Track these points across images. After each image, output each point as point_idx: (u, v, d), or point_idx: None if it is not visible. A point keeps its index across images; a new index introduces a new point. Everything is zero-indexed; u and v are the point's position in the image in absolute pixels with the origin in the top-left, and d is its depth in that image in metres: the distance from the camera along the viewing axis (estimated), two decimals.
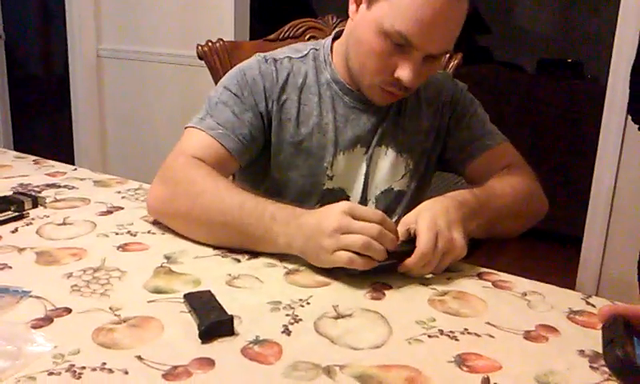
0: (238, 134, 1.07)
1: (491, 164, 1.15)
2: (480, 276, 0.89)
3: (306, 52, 1.16)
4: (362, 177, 1.16)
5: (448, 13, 0.97)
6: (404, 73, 1.00)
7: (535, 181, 1.14)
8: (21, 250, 0.90)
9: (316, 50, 1.17)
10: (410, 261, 0.85)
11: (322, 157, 1.13)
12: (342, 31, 1.17)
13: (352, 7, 1.07)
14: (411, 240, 0.86)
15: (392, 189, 1.18)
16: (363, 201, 1.16)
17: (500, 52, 4.62)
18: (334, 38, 1.18)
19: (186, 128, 1.09)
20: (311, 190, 1.15)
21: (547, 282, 0.88)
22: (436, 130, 1.20)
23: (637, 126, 1.94)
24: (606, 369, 0.65)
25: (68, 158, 3.36)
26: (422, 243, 0.85)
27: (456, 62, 1.38)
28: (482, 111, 1.22)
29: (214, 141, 1.05)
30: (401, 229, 0.88)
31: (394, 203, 1.19)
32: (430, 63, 1.03)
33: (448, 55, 1.38)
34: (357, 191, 1.16)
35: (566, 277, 2.18)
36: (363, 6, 1.04)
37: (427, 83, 1.17)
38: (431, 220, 0.87)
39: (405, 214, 0.96)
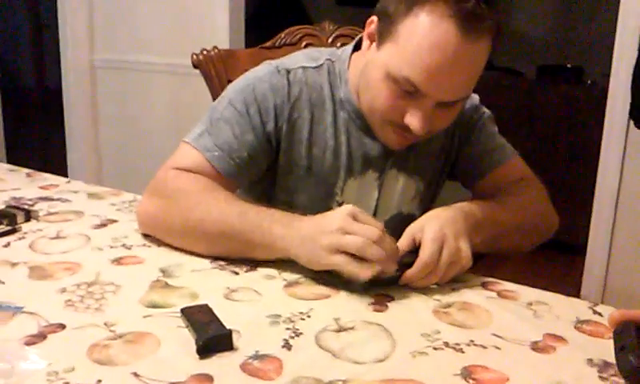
0: (234, 157, 1.01)
1: (501, 180, 1.11)
2: (484, 286, 0.87)
3: (321, 62, 1.08)
4: (373, 202, 1.11)
5: (461, 59, 0.89)
6: (413, 120, 0.93)
7: (545, 196, 1.11)
8: (13, 264, 0.88)
9: (332, 61, 1.09)
10: (411, 271, 0.83)
11: (332, 181, 1.08)
12: (362, 40, 1.06)
13: (365, 43, 1.01)
14: (416, 250, 0.85)
15: (402, 213, 1.14)
16: None
17: (499, 58, 4.62)
18: (354, 49, 1.09)
19: (182, 141, 1.04)
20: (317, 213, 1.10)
21: (552, 291, 0.86)
22: (447, 151, 1.16)
23: (639, 131, 1.92)
24: (616, 378, 0.64)
25: (62, 169, 3.34)
26: (426, 253, 0.83)
27: None
28: (491, 125, 1.17)
29: (207, 163, 1.00)
30: (406, 238, 0.86)
31: (402, 227, 1.15)
32: (445, 110, 0.96)
33: None
34: None
35: (568, 285, 2.16)
36: (374, 46, 0.97)
37: None
38: (438, 229, 0.85)
39: None
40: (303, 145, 1.06)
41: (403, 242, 0.86)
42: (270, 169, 1.08)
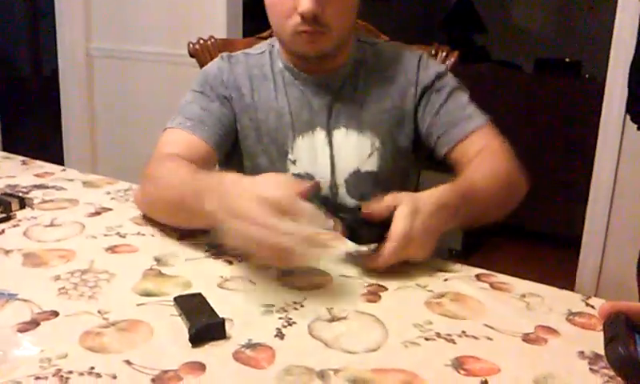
0: (208, 124, 1.13)
1: (471, 148, 1.12)
2: (478, 277, 0.87)
3: (264, 49, 1.23)
4: (328, 160, 1.16)
5: None
6: (302, 3, 1.03)
7: (514, 163, 1.10)
8: (7, 251, 0.88)
9: (272, 45, 1.23)
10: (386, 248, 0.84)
11: (282, 141, 1.16)
12: None
13: None
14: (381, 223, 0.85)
15: (359, 170, 1.17)
16: (333, 185, 1.17)
17: (497, 51, 4.62)
18: None
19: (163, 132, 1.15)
20: None
21: (546, 284, 0.86)
22: (400, 109, 1.18)
23: (635, 126, 1.92)
24: (607, 371, 0.64)
25: (58, 158, 3.33)
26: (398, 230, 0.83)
27: (452, 60, 1.36)
28: (460, 93, 1.18)
29: (186, 133, 1.11)
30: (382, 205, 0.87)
31: (368, 186, 1.17)
32: None
33: (445, 53, 1.37)
34: (324, 176, 1.16)
35: (564, 278, 2.17)
36: None
37: (391, 62, 1.19)
38: (411, 211, 0.85)
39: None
40: (249, 111, 1.17)
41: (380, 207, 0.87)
42: (237, 142, 1.19)
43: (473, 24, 4.73)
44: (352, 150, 1.16)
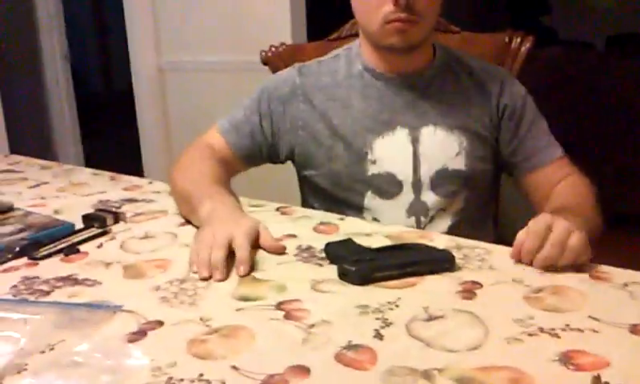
0: (240, 134, 1.22)
1: (554, 175, 1.16)
2: (575, 268, 0.85)
3: (338, 53, 1.24)
4: (410, 158, 1.16)
5: None
6: None
7: (594, 199, 1.12)
8: (108, 264, 0.92)
9: (350, 48, 1.24)
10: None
11: (360, 143, 1.16)
12: None
13: None
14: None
15: (447, 168, 1.16)
16: (417, 183, 1.16)
17: (565, 31, 4.46)
18: None
19: None
20: (356, 178, 1.17)
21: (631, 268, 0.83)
22: (488, 116, 1.19)
23: None
24: None
25: (137, 172, 3.44)
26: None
27: (528, 45, 1.33)
28: (543, 120, 1.21)
29: (219, 136, 1.23)
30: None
31: (456, 185, 1.17)
32: None
33: (520, 39, 1.33)
34: (407, 174, 1.16)
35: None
36: None
37: (477, 74, 1.19)
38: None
39: (473, 198, 1.15)
40: (323, 118, 1.19)
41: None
42: (290, 153, 1.24)
43: (537, 4, 4.59)
44: (439, 147, 1.16)
